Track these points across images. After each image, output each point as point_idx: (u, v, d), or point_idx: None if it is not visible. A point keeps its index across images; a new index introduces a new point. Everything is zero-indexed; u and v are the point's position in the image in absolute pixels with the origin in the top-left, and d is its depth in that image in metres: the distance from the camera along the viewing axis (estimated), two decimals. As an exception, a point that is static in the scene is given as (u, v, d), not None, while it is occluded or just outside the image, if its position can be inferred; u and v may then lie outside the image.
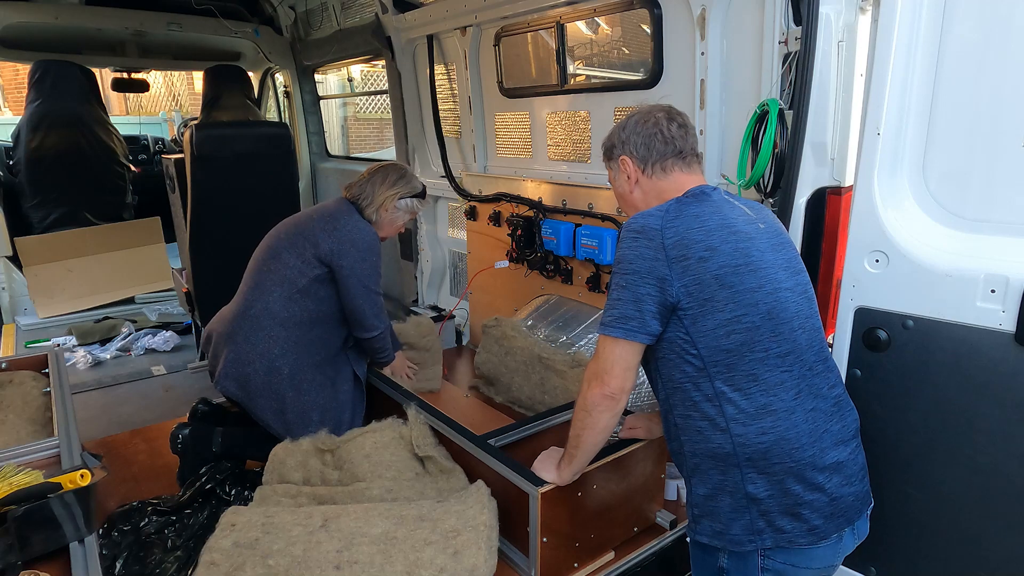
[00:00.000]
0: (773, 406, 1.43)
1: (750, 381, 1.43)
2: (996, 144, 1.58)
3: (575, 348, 2.76)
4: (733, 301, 1.42)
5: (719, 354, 1.42)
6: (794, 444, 1.42)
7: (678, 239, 1.43)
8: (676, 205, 1.50)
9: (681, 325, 1.44)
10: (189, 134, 3.31)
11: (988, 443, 1.60)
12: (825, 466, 1.45)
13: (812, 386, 1.49)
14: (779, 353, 1.44)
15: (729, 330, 1.42)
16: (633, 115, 1.67)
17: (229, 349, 2.33)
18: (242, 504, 2.16)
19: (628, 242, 1.49)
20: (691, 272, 1.41)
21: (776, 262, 1.51)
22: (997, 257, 1.57)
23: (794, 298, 1.50)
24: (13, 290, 4.70)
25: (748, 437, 1.42)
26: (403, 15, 3.67)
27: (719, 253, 1.43)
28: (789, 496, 1.42)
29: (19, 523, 1.45)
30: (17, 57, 5.46)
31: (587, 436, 1.59)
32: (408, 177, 2.56)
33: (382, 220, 2.50)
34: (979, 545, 1.66)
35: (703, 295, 1.41)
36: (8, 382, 2.42)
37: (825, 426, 1.48)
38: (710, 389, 1.44)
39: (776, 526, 1.43)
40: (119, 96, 10.27)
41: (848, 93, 1.88)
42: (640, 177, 1.64)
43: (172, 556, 1.95)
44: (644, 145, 1.62)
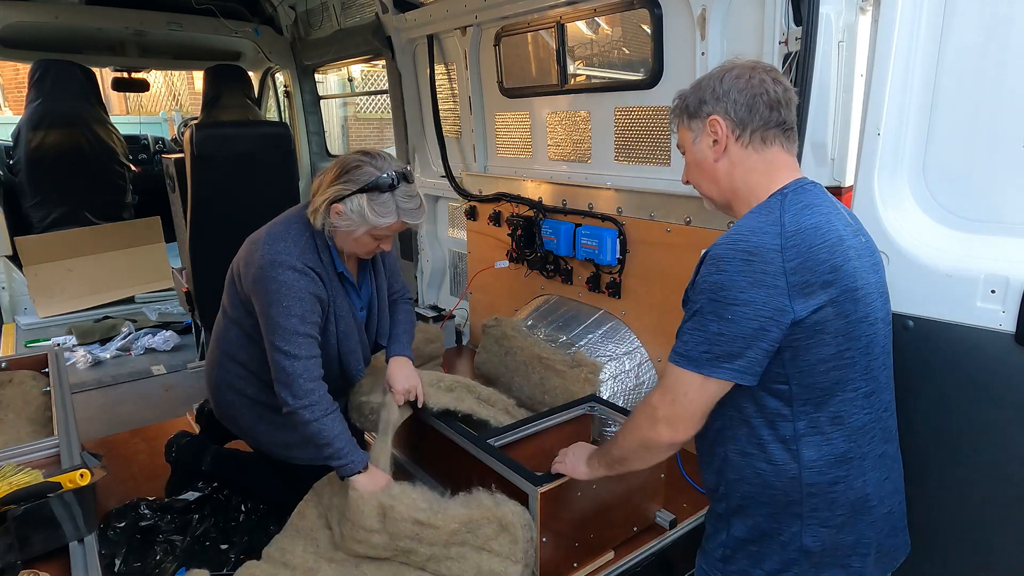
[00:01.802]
0: (852, 453, 1.29)
1: (835, 425, 1.27)
2: (996, 144, 1.58)
3: (575, 348, 2.76)
4: (843, 333, 1.23)
5: (812, 392, 1.24)
6: (859, 493, 1.30)
7: (801, 261, 1.19)
8: (789, 216, 1.24)
9: (779, 358, 1.22)
10: (189, 134, 3.31)
11: (988, 443, 1.60)
12: (881, 516, 1.34)
13: (886, 429, 1.37)
14: (866, 393, 1.30)
15: (831, 366, 1.23)
16: (732, 68, 1.34)
17: (211, 390, 2.20)
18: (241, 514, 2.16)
19: (737, 265, 1.20)
20: (813, 300, 1.19)
21: (876, 286, 1.32)
22: (997, 257, 1.57)
23: (884, 330, 1.34)
24: (13, 290, 4.70)
25: (821, 487, 1.27)
26: (403, 15, 3.67)
27: (843, 275, 1.22)
28: (842, 549, 1.31)
29: (19, 523, 1.45)
30: (17, 57, 5.46)
31: (635, 465, 1.48)
32: (368, 165, 1.84)
33: (335, 231, 1.89)
34: (979, 545, 1.66)
35: (817, 326, 1.20)
36: (8, 382, 2.42)
37: (889, 472, 1.37)
38: (790, 430, 1.26)
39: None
40: (119, 96, 10.27)
41: (848, 93, 1.88)
42: (732, 145, 1.33)
43: (171, 555, 1.95)
44: (746, 106, 1.30)
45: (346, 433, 1.88)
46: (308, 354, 1.86)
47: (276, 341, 1.84)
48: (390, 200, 1.84)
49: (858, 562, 1.33)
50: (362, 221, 1.84)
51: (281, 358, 1.83)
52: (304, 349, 1.85)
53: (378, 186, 1.82)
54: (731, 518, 1.39)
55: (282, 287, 1.82)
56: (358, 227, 1.86)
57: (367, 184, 1.82)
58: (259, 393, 2.07)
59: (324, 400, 1.86)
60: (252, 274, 1.88)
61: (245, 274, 1.92)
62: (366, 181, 1.82)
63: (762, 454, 1.30)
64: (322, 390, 1.88)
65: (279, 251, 1.86)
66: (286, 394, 1.84)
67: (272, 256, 1.85)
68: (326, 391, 1.89)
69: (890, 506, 1.38)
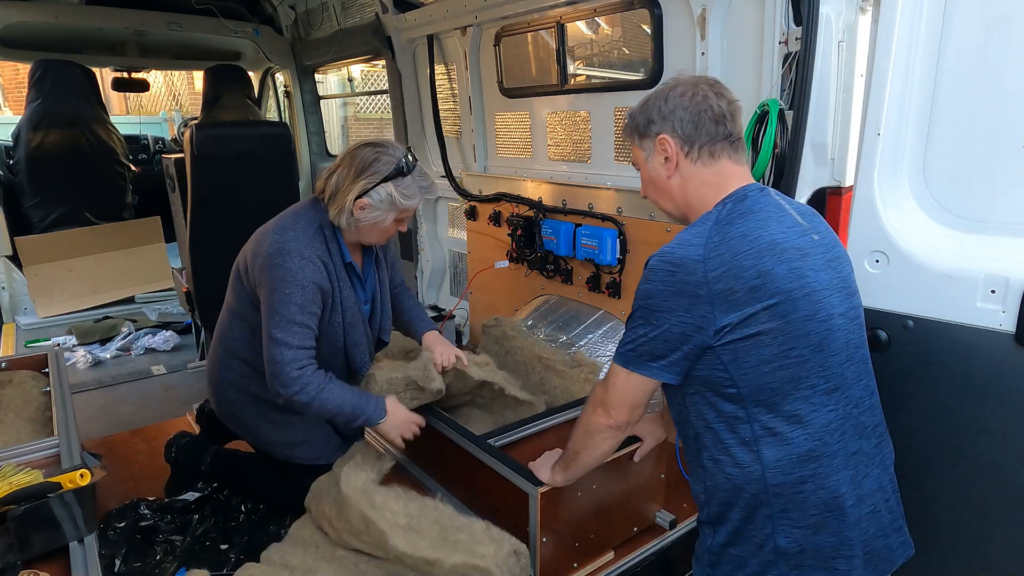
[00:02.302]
0: (817, 451, 1.28)
1: (794, 424, 1.28)
2: (996, 144, 1.59)
3: (575, 348, 2.75)
4: (783, 333, 1.24)
5: (762, 393, 1.27)
6: (833, 492, 1.29)
7: (724, 270, 1.24)
8: (717, 227, 1.29)
9: (719, 362, 1.27)
10: (189, 134, 3.31)
11: (988, 443, 1.60)
12: (863, 515, 1.33)
13: (858, 425, 1.35)
14: (826, 390, 1.29)
15: (776, 366, 1.25)
16: (676, 85, 1.40)
17: (212, 389, 2.19)
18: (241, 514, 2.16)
19: (663, 275, 1.28)
20: (739, 305, 1.23)
21: (831, 282, 1.33)
22: (997, 257, 1.58)
23: (846, 325, 1.33)
24: (13, 290, 4.70)
25: (786, 487, 1.29)
26: (403, 15, 3.67)
27: (772, 277, 1.24)
28: (823, 550, 1.30)
29: (19, 523, 1.45)
30: (17, 57, 5.45)
31: (585, 456, 1.55)
32: (384, 154, 1.91)
33: (359, 225, 1.94)
34: (980, 545, 1.66)
35: (750, 329, 1.24)
36: (8, 382, 2.42)
37: (867, 470, 1.35)
38: (748, 432, 1.29)
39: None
40: (119, 96, 10.27)
41: (848, 93, 1.88)
42: (682, 161, 1.38)
43: (171, 555, 1.95)
44: (692, 123, 1.35)
45: (349, 394, 1.91)
46: (300, 344, 1.87)
47: (272, 329, 1.85)
48: (412, 182, 1.93)
49: (843, 564, 1.30)
50: (391, 207, 1.92)
51: (273, 346, 1.85)
52: (297, 339, 1.86)
53: (401, 172, 1.90)
54: (714, 524, 1.41)
55: (287, 274, 1.85)
56: (387, 214, 1.93)
57: (391, 173, 1.89)
58: (263, 391, 2.06)
59: (314, 378, 1.87)
60: (259, 263, 1.90)
61: (252, 264, 1.93)
62: (389, 170, 1.89)
63: (729, 458, 1.33)
64: (310, 371, 1.87)
65: (288, 240, 1.89)
66: (276, 385, 1.86)
67: (280, 244, 1.88)
68: (315, 369, 1.89)
69: (873, 505, 1.35)
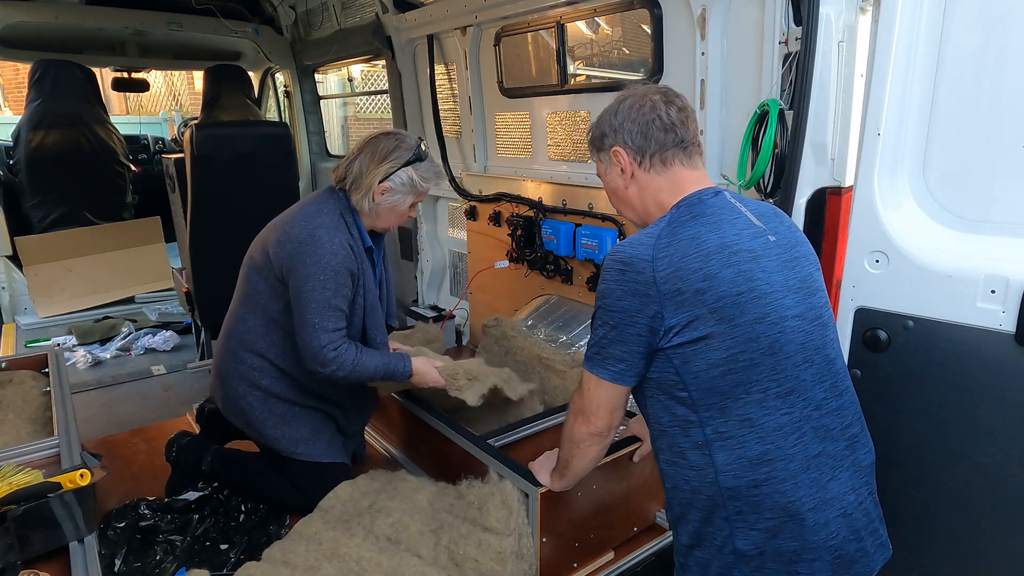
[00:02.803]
0: (770, 455, 1.26)
1: (746, 427, 1.26)
2: (996, 144, 1.58)
3: (575, 348, 2.76)
4: (731, 337, 1.24)
5: (712, 397, 1.26)
6: (791, 496, 1.26)
7: (672, 271, 1.25)
8: (668, 228, 1.31)
9: (671, 365, 1.28)
10: (189, 134, 3.31)
11: (988, 443, 1.60)
12: (830, 519, 1.29)
13: (819, 428, 1.31)
14: (779, 393, 1.27)
15: (725, 370, 1.25)
16: (625, 98, 1.43)
17: (219, 383, 2.20)
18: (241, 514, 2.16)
19: (614, 275, 1.30)
20: (687, 307, 1.24)
21: (786, 283, 1.31)
22: (997, 257, 1.57)
23: (803, 326, 1.31)
24: (13, 290, 4.70)
25: (739, 490, 1.27)
26: (403, 15, 3.67)
27: (718, 281, 1.25)
28: (783, 554, 1.28)
29: (19, 523, 1.45)
30: (17, 57, 5.46)
31: (576, 464, 1.55)
32: (403, 141, 2.03)
33: (379, 208, 2.04)
34: (980, 545, 1.66)
35: (698, 332, 1.24)
36: (8, 382, 2.42)
37: (832, 473, 1.31)
38: (700, 436, 1.29)
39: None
40: (119, 96, 10.27)
41: (848, 93, 1.88)
42: (636, 171, 1.42)
43: (171, 555, 1.95)
44: (641, 133, 1.39)
45: (379, 359, 2.04)
46: (335, 327, 1.96)
47: (308, 314, 1.93)
48: (429, 167, 2.07)
49: (805, 568, 1.28)
50: (411, 190, 2.04)
51: (310, 331, 1.93)
52: (332, 322, 1.95)
53: (419, 157, 2.03)
54: (677, 526, 1.41)
55: (320, 260, 1.91)
56: (406, 197, 2.05)
57: (411, 158, 2.01)
58: (273, 384, 2.09)
59: (348, 352, 1.98)
60: (288, 250, 1.95)
61: (278, 253, 1.97)
62: (409, 155, 2.01)
63: (684, 461, 1.33)
64: (344, 348, 1.97)
65: (316, 226, 1.96)
66: (315, 365, 1.96)
67: (310, 231, 1.95)
68: (348, 345, 1.99)
69: (842, 508, 1.31)
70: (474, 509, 1.81)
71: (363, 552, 1.80)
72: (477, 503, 1.81)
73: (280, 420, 2.13)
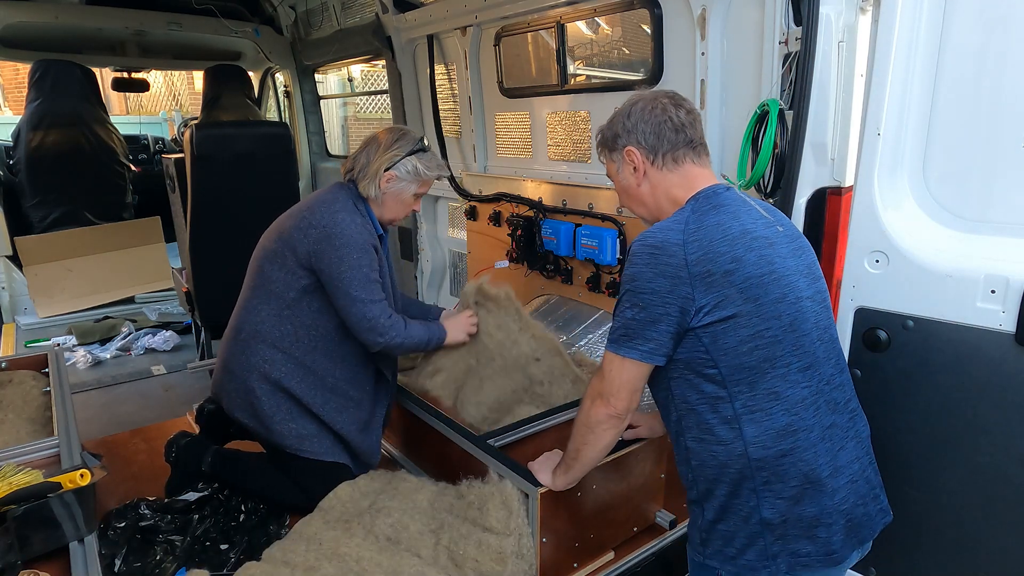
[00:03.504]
0: (794, 426, 1.35)
1: (772, 400, 1.35)
2: (996, 144, 1.58)
3: (575, 348, 2.76)
4: (757, 315, 1.33)
5: (741, 372, 1.34)
6: (812, 464, 1.35)
7: (702, 254, 1.33)
8: (694, 215, 1.39)
9: (700, 344, 1.35)
10: (189, 134, 3.31)
11: (988, 443, 1.60)
12: (840, 485, 1.38)
13: (831, 400, 1.42)
14: (800, 367, 1.36)
15: (753, 346, 1.33)
16: (636, 101, 1.53)
17: (226, 377, 2.18)
18: (242, 514, 2.16)
19: (644, 258, 1.36)
20: (716, 286, 1.32)
21: (797, 268, 1.42)
22: (997, 257, 1.57)
23: (814, 307, 1.41)
24: (13, 290, 4.70)
25: (767, 460, 1.35)
26: (403, 15, 3.67)
27: (744, 264, 1.34)
28: (804, 519, 1.36)
29: (19, 523, 1.45)
30: (17, 57, 5.46)
31: (587, 452, 1.56)
32: (407, 134, 2.15)
33: (385, 196, 2.12)
34: (979, 545, 1.66)
35: (727, 311, 1.32)
36: (8, 382, 2.42)
37: (841, 443, 1.41)
38: (729, 411, 1.36)
39: (792, 550, 1.36)
40: (119, 96, 10.27)
41: (848, 93, 1.88)
42: (649, 169, 1.50)
43: (171, 555, 1.95)
44: (654, 134, 1.48)
45: (421, 328, 2.23)
46: (380, 297, 2.08)
47: (353, 291, 2.01)
48: (432, 157, 2.17)
49: (824, 532, 1.37)
50: (415, 178, 2.13)
51: (360, 307, 2.03)
52: (377, 293, 2.07)
53: (423, 148, 2.14)
54: (702, 503, 1.46)
55: (350, 240, 2.01)
56: (410, 185, 2.14)
57: (415, 148, 2.12)
58: (284, 377, 2.09)
59: (399, 323, 2.13)
60: (314, 236, 2.02)
61: (302, 239, 2.03)
62: (412, 146, 2.12)
63: (712, 437, 1.39)
64: (395, 317, 2.13)
65: (337, 210, 2.05)
66: (371, 336, 2.06)
67: (332, 215, 2.04)
68: (397, 315, 2.15)
69: (851, 476, 1.41)
70: (474, 509, 1.81)
71: (363, 552, 1.80)
72: (477, 503, 1.81)
73: (288, 416, 2.12)
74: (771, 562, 1.37)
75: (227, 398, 2.21)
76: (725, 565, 1.42)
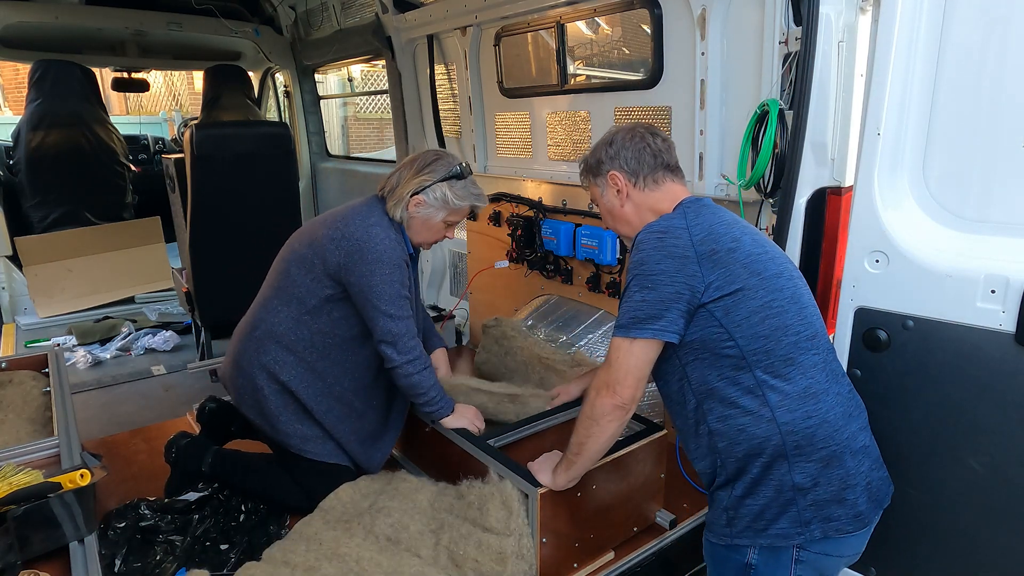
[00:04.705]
0: (813, 388, 1.44)
1: (788, 365, 1.43)
2: (996, 144, 1.58)
3: (575, 348, 2.76)
4: (763, 287, 1.44)
5: (757, 341, 1.42)
6: (834, 426, 1.44)
7: (705, 234, 1.46)
8: (691, 210, 1.54)
9: (714, 319, 1.42)
10: (189, 134, 3.31)
11: (988, 443, 1.60)
12: (857, 449, 1.47)
13: (834, 370, 1.52)
14: (808, 335, 1.47)
15: (764, 315, 1.42)
16: (617, 131, 1.70)
17: (236, 372, 2.18)
18: (241, 514, 2.16)
19: (652, 243, 1.47)
20: (722, 263, 1.43)
21: (781, 255, 1.57)
22: (997, 257, 1.57)
23: (804, 286, 1.55)
24: (13, 290, 4.69)
25: (795, 423, 1.42)
26: (403, 15, 3.67)
27: (743, 243, 1.47)
28: (834, 482, 1.42)
29: (19, 523, 1.45)
30: (17, 57, 5.45)
31: (591, 445, 1.58)
32: (443, 159, 2.10)
33: (412, 220, 2.09)
34: (979, 545, 1.66)
35: (735, 285, 1.42)
36: (8, 382, 2.42)
37: (848, 410, 1.50)
38: (751, 380, 1.43)
39: (824, 515, 1.42)
40: (119, 96, 10.28)
41: (848, 93, 1.88)
42: (631, 191, 1.65)
43: (171, 555, 1.95)
44: (635, 159, 1.64)
45: (438, 383, 2.13)
46: (408, 315, 2.05)
47: (381, 305, 1.99)
48: (465, 186, 2.10)
49: (851, 494, 1.43)
50: (443, 206, 2.08)
51: (388, 321, 2.00)
52: (405, 310, 2.04)
53: (457, 176, 2.08)
54: (733, 483, 1.48)
55: (383, 254, 1.99)
56: (438, 212, 2.09)
57: (448, 174, 2.07)
58: (292, 380, 2.09)
59: (423, 355, 2.08)
60: (346, 248, 2.00)
61: (334, 250, 2.01)
62: (446, 171, 2.07)
63: (737, 410, 1.45)
64: (420, 346, 2.09)
65: (372, 224, 2.03)
66: (392, 352, 2.02)
67: (367, 227, 2.02)
68: (422, 347, 2.10)
69: (863, 442, 1.50)
70: (474, 509, 1.81)
71: (363, 552, 1.80)
72: (477, 503, 1.81)
73: (294, 416, 2.13)
74: (805, 528, 1.41)
75: (236, 392, 2.21)
76: (757, 539, 1.45)
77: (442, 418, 2.11)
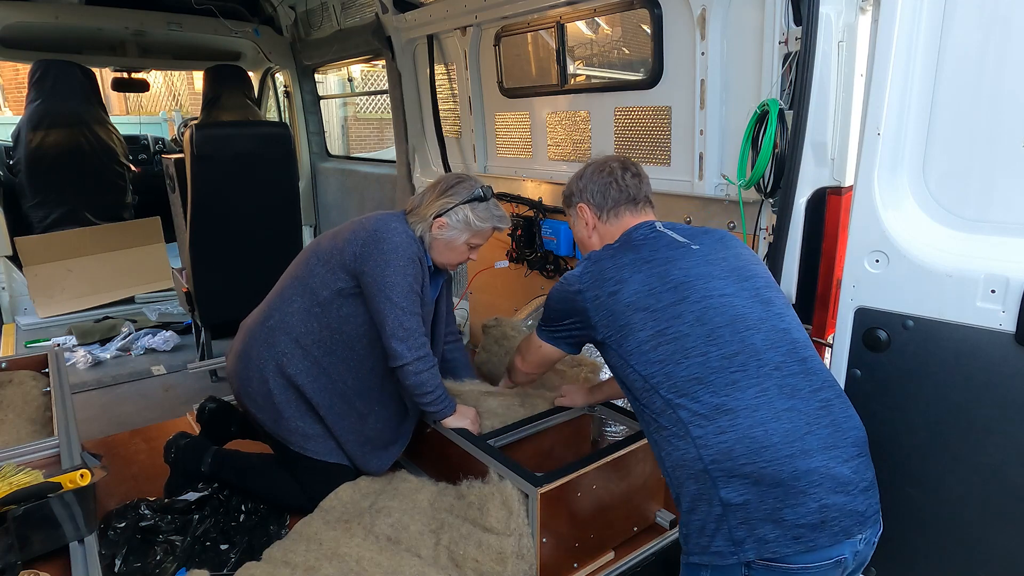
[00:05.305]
0: (728, 405, 1.41)
1: (695, 384, 1.44)
2: (996, 144, 1.58)
3: (575, 348, 2.75)
4: (652, 319, 1.51)
5: (653, 366, 1.48)
6: (763, 443, 1.37)
7: (592, 282, 1.60)
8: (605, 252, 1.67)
9: (611, 351, 1.57)
10: (189, 134, 3.31)
11: (988, 443, 1.60)
12: (810, 468, 1.36)
13: (784, 386, 1.44)
14: (724, 355, 1.45)
15: (656, 343, 1.49)
16: (590, 165, 1.80)
17: (241, 364, 2.17)
18: (241, 515, 2.16)
19: (557, 285, 1.71)
20: (604, 307, 1.56)
21: (710, 273, 1.57)
22: (997, 257, 1.57)
23: (739, 303, 1.53)
24: (13, 290, 4.70)
25: (707, 439, 1.40)
26: (403, 15, 3.67)
27: (628, 283, 1.56)
28: (767, 500, 1.34)
29: (19, 523, 1.46)
30: (17, 57, 5.46)
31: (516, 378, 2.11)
32: (465, 182, 2.15)
33: (435, 242, 2.13)
34: (979, 545, 1.66)
35: (619, 322, 1.54)
36: (8, 382, 2.42)
37: (808, 428, 1.40)
38: (659, 401, 1.48)
39: (757, 535, 1.34)
40: (119, 96, 10.28)
41: (848, 93, 1.88)
42: (597, 223, 1.78)
43: (171, 555, 1.95)
44: (600, 193, 1.76)
45: (442, 383, 2.13)
46: (418, 311, 2.06)
47: (395, 297, 2.00)
48: (487, 208, 2.15)
49: (790, 514, 1.33)
50: (465, 228, 2.13)
51: (400, 314, 2.00)
52: (415, 306, 2.05)
53: (479, 197, 2.13)
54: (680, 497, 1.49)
55: (398, 248, 2.01)
56: (461, 234, 2.13)
57: (470, 196, 2.12)
58: (298, 374, 2.09)
59: (431, 354, 2.09)
60: (363, 238, 2.04)
61: (351, 240, 2.05)
62: (468, 194, 2.12)
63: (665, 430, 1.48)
64: (428, 345, 2.10)
65: (391, 220, 2.09)
66: (403, 348, 2.01)
67: (386, 223, 2.07)
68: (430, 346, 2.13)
69: (824, 461, 1.37)
70: (474, 509, 1.81)
71: (363, 552, 1.80)
72: (477, 503, 1.81)
73: (297, 412, 2.12)
74: (739, 549, 1.35)
75: (240, 384, 2.19)
76: (703, 557, 1.40)
77: (443, 418, 2.11)
